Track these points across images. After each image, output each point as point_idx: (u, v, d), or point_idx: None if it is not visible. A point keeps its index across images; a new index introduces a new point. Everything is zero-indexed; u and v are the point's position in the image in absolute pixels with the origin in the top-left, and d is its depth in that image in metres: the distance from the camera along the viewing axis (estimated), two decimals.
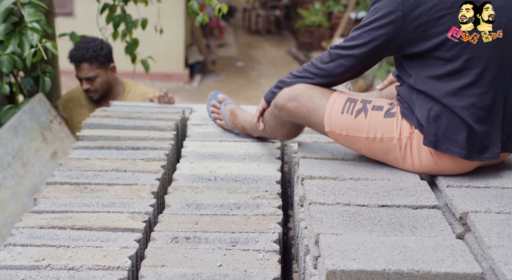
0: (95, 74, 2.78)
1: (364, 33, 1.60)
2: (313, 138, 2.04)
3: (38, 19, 2.16)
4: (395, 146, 1.63)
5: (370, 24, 1.59)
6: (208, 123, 2.31)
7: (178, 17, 8.31)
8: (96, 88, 2.82)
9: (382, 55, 1.64)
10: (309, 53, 10.78)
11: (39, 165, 2.32)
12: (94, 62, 2.76)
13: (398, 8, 1.54)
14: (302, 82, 1.72)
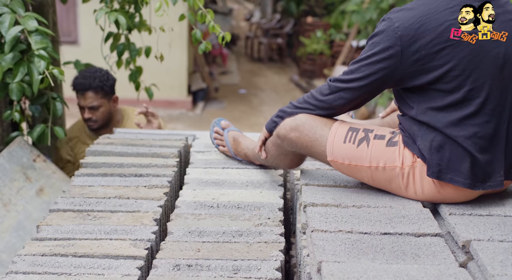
0: (99, 103, 2.81)
1: (363, 66, 1.61)
2: (315, 165, 2.04)
3: (45, 46, 2.19)
4: (397, 175, 1.63)
5: (369, 58, 1.60)
6: (211, 150, 2.32)
7: (182, 45, 8.40)
8: (98, 118, 2.83)
9: (382, 88, 1.65)
10: (311, 80, 10.85)
11: (23, 203, 2.31)
12: (99, 91, 2.78)
13: (396, 43, 1.55)
14: (303, 112, 1.73)
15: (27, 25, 2.17)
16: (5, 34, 2.12)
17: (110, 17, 2.45)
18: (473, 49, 1.54)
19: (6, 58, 2.20)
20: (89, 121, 2.84)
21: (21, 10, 2.19)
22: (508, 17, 1.59)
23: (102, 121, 2.86)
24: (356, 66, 1.63)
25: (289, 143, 1.77)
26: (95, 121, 2.84)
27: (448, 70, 1.54)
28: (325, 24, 11.64)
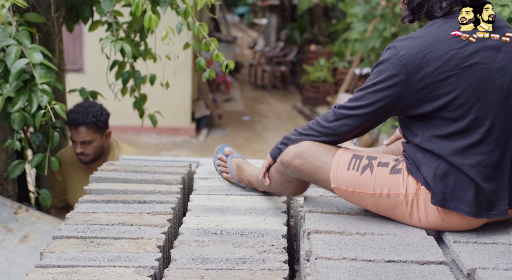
0: (92, 138, 2.82)
1: (368, 94, 1.62)
2: (319, 192, 2.04)
3: (48, 80, 2.22)
4: (401, 202, 1.63)
5: (374, 85, 1.61)
6: (214, 176, 2.32)
7: (186, 73, 8.48)
8: (89, 152, 2.84)
9: (387, 115, 1.66)
10: (314, 108, 10.90)
11: (5, 253, 2.29)
12: (92, 127, 2.80)
13: (401, 71, 1.57)
14: (307, 139, 1.74)
15: (32, 58, 2.20)
16: (11, 66, 2.15)
17: (116, 45, 2.48)
18: (478, 78, 1.55)
19: (8, 86, 2.23)
20: (80, 155, 2.84)
21: (27, 41, 2.22)
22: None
23: (94, 155, 2.87)
24: (361, 94, 1.64)
25: (293, 170, 1.77)
26: (86, 155, 2.84)
27: (453, 98, 1.55)
28: (328, 52, 11.74)
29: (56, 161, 2.55)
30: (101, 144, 2.87)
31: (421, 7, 1.67)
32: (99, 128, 2.82)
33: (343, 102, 1.69)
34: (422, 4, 1.66)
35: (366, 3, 7.86)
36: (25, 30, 2.25)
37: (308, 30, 13.35)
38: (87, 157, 2.85)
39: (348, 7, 11.40)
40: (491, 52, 1.57)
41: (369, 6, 7.60)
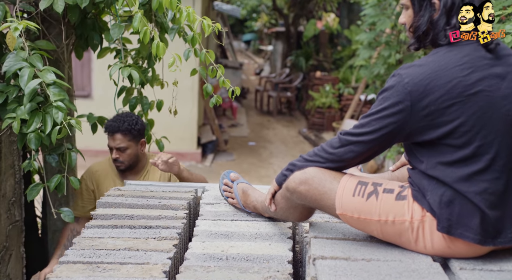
0: (126, 145, 2.91)
1: (373, 121, 1.64)
2: (324, 218, 2.04)
3: (62, 98, 2.26)
4: (407, 229, 1.63)
5: (379, 112, 1.62)
6: (220, 202, 2.33)
7: (193, 98, 8.54)
8: (124, 159, 2.93)
9: (392, 142, 1.67)
10: (320, 133, 10.92)
11: None
12: (127, 134, 2.90)
13: (406, 98, 1.58)
14: (313, 166, 1.75)
15: (45, 78, 2.24)
16: (24, 87, 2.19)
17: (124, 72, 2.52)
18: (482, 106, 1.56)
19: (22, 108, 2.26)
20: (116, 161, 2.95)
21: (40, 64, 2.27)
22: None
23: (129, 162, 2.95)
24: (366, 120, 1.65)
25: (298, 196, 1.78)
26: (122, 162, 2.94)
27: (458, 125, 1.56)
28: (333, 78, 11.81)
29: (76, 180, 2.56)
30: (135, 152, 2.95)
31: (427, 35, 1.69)
32: (134, 136, 2.92)
33: (349, 129, 1.71)
34: (427, 32, 1.69)
35: (371, 30, 7.94)
36: (37, 53, 2.30)
37: (313, 57, 13.45)
38: (122, 164, 2.94)
39: (353, 34, 11.52)
40: (496, 80, 1.59)
41: (374, 33, 7.67)
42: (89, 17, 2.70)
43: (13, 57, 2.25)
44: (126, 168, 2.98)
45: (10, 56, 2.25)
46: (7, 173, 2.60)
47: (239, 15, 16.41)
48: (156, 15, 2.65)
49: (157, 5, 2.44)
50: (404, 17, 1.75)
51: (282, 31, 15.49)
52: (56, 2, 2.36)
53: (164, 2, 2.43)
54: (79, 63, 8.07)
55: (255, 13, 22.90)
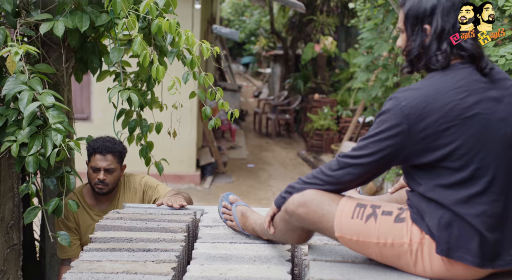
0: (114, 167, 2.90)
1: (371, 143, 1.65)
2: (323, 241, 2.04)
3: (61, 120, 2.27)
4: (405, 252, 1.63)
5: (377, 135, 1.64)
6: (219, 224, 2.33)
7: (192, 121, 8.56)
8: (109, 181, 2.89)
9: (390, 164, 1.67)
10: (318, 155, 10.92)
11: None
12: (117, 156, 2.91)
13: (403, 121, 1.59)
14: (311, 188, 1.75)
15: (44, 101, 2.25)
16: (24, 110, 2.20)
17: (123, 95, 2.54)
18: (479, 129, 1.57)
19: (22, 132, 2.27)
20: (100, 184, 2.88)
21: (39, 87, 2.28)
22: None
23: (112, 185, 2.92)
24: (364, 143, 1.66)
25: (297, 219, 1.78)
26: (106, 184, 2.89)
27: (455, 148, 1.57)
28: (331, 101, 11.86)
29: (74, 203, 2.56)
30: (118, 176, 2.94)
31: (419, 59, 1.71)
32: (121, 160, 2.94)
33: (347, 151, 1.72)
34: (419, 57, 1.71)
35: (368, 53, 8.01)
36: (36, 77, 2.32)
37: (311, 79, 13.53)
38: (106, 186, 2.89)
39: (351, 57, 11.62)
40: (492, 103, 1.60)
41: (372, 56, 7.73)
42: (89, 40, 2.73)
43: (13, 81, 2.27)
44: (107, 192, 2.92)
45: (10, 80, 2.27)
46: (6, 196, 2.60)
47: (237, 38, 16.54)
48: (156, 38, 2.68)
49: (157, 29, 2.46)
50: (400, 40, 1.77)
51: (280, 54, 15.60)
52: (56, 26, 2.39)
53: (163, 26, 2.46)
54: (78, 86, 8.11)
55: (254, 36, 23.09)
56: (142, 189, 2.99)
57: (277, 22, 16.12)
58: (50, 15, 2.47)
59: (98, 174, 2.88)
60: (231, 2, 24.09)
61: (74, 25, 2.44)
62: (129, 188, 3.01)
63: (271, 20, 14.65)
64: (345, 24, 13.58)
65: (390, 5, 5.64)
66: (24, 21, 2.49)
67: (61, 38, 2.46)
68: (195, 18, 8.29)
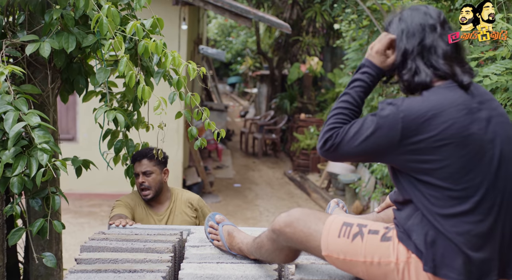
0: (152, 170, 3.13)
1: (361, 142, 1.66)
2: (310, 260, 2.04)
3: (47, 140, 2.26)
4: (392, 270, 1.63)
5: (368, 137, 1.65)
6: (205, 244, 2.32)
7: (178, 141, 8.55)
8: (150, 184, 3.12)
9: (377, 156, 1.69)
10: (305, 175, 10.94)
11: None
12: (153, 160, 3.12)
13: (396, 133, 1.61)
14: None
15: (30, 121, 2.25)
16: (9, 130, 2.19)
17: (109, 115, 2.53)
18: (472, 149, 1.57)
19: (7, 152, 2.26)
20: (143, 189, 3.13)
21: (25, 107, 2.28)
22: (501, 119, 1.65)
23: (155, 189, 3.14)
24: (356, 138, 1.67)
25: (284, 238, 1.78)
26: (148, 188, 3.13)
27: (444, 166, 1.57)
28: (318, 120, 11.93)
29: (59, 224, 2.54)
30: (160, 179, 3.17)
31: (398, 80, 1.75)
32: (159, 163, 3.16)
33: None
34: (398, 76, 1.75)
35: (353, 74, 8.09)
36: (22, 97, 2.31)
37: (298, 99, 13.61)
38: (149, 190, 3.13)
39: (337, 77, 11.73)
40: (483, 123, 1.61)
41: None
42: (75, 61, 2.74)
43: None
44: (153, 196, 3.15)
45: None
46: None
47: (224, 58, 16.63)
48: (142, 59, 2.69)
49: (143, 49, 2.48)
50: None
51: (266, 74, 15.70)
52: (42, 47, 2.40)
53: (150, 47, 2.47)
54: (64, 106, 8.09)
55: (240, 56, 23.23)
56: (195, 208, 3.27)
57: (263, 42, 16.25)
58: (36, 36, 2.47)
59: (138, 178, 3.12)
60: (217, 23, 24.27)
61: (60, 46, 2.44)
62: (184, 201, 3.25)
63: (257, 41, 14.76)
64: (331, 45, 13.74)
65: (374, 26, 5.73)
66: (10, 42, 2.49)
67: (47, 59, 2.47)
68: (181, 39, 8.33)
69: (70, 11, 2.49)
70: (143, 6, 2.56)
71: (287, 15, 13.10)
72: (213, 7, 7.68)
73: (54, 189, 2.57)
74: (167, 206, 3.23)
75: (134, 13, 2.74)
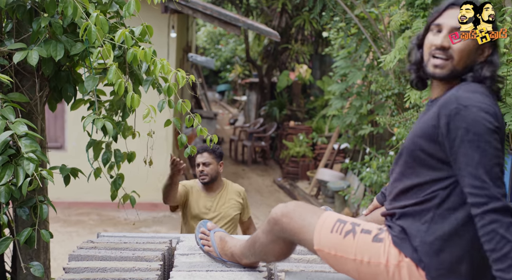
0: (210, 161, 3.89)
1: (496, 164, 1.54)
2: (299, 267, 2.04)
3: (34, 149, 2.25)
4: (382, 272, 1.63)
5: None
6: (195, 252, 2.31)
7: (167, 148, 8.53)
8: (208, 172, 3.88)
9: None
10: (294, 182, 10.94)
11: None
12: (211, 153, 3.90)
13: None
14: None
15: (17, 130, 2.23)
16: None
17: (98, 123, 2.52)
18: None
19: None
20: (201, 174, 3.89)
21: (12, 116, 2.26)
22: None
23: (211, 176, 3.88)
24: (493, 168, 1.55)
25: (279, 228, 1.80)
26: (206, 174, 3.88)
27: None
28: (307, 128, 11.95)
29: (47, 233, 2.52)
30: (216, 169, 3.91)
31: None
32: (216, 156, 3.92)
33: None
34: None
35: (342, 81, 8.13)
36: (9, 106, 2.30)
37: (287, 107, 13.64)
38: (206, 176, 3.88)
39: (326, 85, 11.78)
40: None
41: (346, 84, 7.85)
42: (63, 69, 2.72)
43: None
44: (208, 181, 3.88)
45: None
46: None
47: (213, 66, 16.66)
48: (131, 67, 2.68)
49: (132, 57, 2.47)
50: None
51: (255, 81, 15.72)
52: (30, 56, 2.39)
53: (138, 54, 2.47)
54: (52, 115, 8.04)
55: (229, 64, 23.25)
56: (242, 197, 3.99)
57: (252, 50, 16.29)
58: (24, 44, 2.46)
59: (199, 167, 3.88)
60: (206, 31, 24.29)
61: (48, 54, 2.43)
62: (234, 190, 3.98)
63: (246, 49, 14.78)
64: (319, 52, 13.80)
65: (363, 34, 5.76)
66: None
67: (35, 67, 2.45)
68: (170, 47, 8.33)
69: (58, 19, 2.48)
70: (132, 14, 2.56)
71: (276, 23, 13.15)
72: (202, 15, 7.69)
73: (42, 198, 2.55)
74: (218, 192, 3.94)
75: (123, 21, 2.73)
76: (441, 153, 1.58)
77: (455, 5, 1.68)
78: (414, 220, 1.63)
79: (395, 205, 1.71)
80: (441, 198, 1.59)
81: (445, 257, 1.56)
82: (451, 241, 1.57)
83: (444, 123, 1.55)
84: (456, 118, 1.52)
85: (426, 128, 1.61)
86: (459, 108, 1.53)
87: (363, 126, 7.21)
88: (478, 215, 1.48)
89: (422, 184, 1.63)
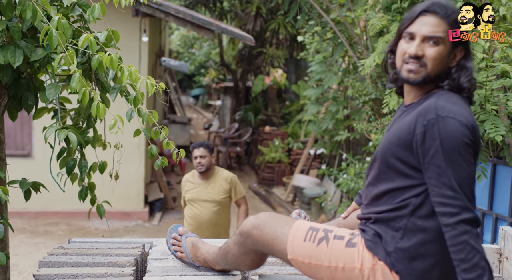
0: (205, 154, 4.78)
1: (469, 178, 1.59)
2: (273, 270, 2.02)
3: None
4: (356, 276, 1.62)
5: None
6: (168, 257, 2.24)
7: (139, 156, 8.35)
8: (204, 163, 4.75)
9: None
10: (270, 188, 10.85)
11: None
12: (206, 148, 4.81)
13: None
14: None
15: None
16: None
17: (60, 134, 2.37)
18: None
19: None
20: (199, 164, 4.75)
21: None
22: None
23: (206, 166, 4.76)
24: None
25: (251, 241, 1.77)
26: (203, 165, 4.75)
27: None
28: (282, 133, 11.89)
29: (3, 255, 2.36)
30: (209, 160, 4.80)
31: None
32: (209, 150, 4.82)
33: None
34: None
35: (318, 86, 8.06)
36: None
37: (262, 112, 13.57)
38: (203, 166, 4.75)
39: (301, 90, 11.72)
40: None
41: (321, 89, 7.78)
42: (23, 76, 2.55)
43: None
44: (204, 170, 4.76)
45: None
46: None
47: (187, 70, 16.51)
48: (97, 74, 2.53)
49: (97, 64, 2.33)
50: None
51: (230, 86, 15.63)
52: None
53: (104, 61, 2.32)
54: (18, 121, 7.80)
55: (203, 68, 23.13)
56: (229, 182, 4.84)
57: (227, 54, 16.20)
58: None
59: (197, 159, 4.76)
60: (180, 35, 24.13)
61: (6, 60, 2.27)
62: (222, 176, 4.83)
63: (220, 53, 14.69)
64: (295, 57, 13.76)
65: (339, 38, 5.69)
66: None
67: None
68: (142, 51, 8.15)
69: (17, 23, 2.32)
70: (96, 18, 2.41)
71: (250, 26, 13.05)
72: (175, 18, 7.54)
73: (0, 216, 2.38)
74: (210, 178, 4.82)
75: (88, 25, 2.58)
76: (414, 161, 1.60)
77: (427, 12, 1.68)
78: (388, 226, 1.63)
79: (371, 210, 1.71)
80: (414, 206, 1.60)
81: (417, 265, 1.57)
82: (424, 249, 1.57)
83: (420, 132, 1.57)
84: (433, 128, 1.55)
85: (402, 135, 1.62)
86: (438, 119, 1.55)
87: (340, 132, 7.14)
88: (450, 225, 1.50)
89: (395, 190, 1.64)
